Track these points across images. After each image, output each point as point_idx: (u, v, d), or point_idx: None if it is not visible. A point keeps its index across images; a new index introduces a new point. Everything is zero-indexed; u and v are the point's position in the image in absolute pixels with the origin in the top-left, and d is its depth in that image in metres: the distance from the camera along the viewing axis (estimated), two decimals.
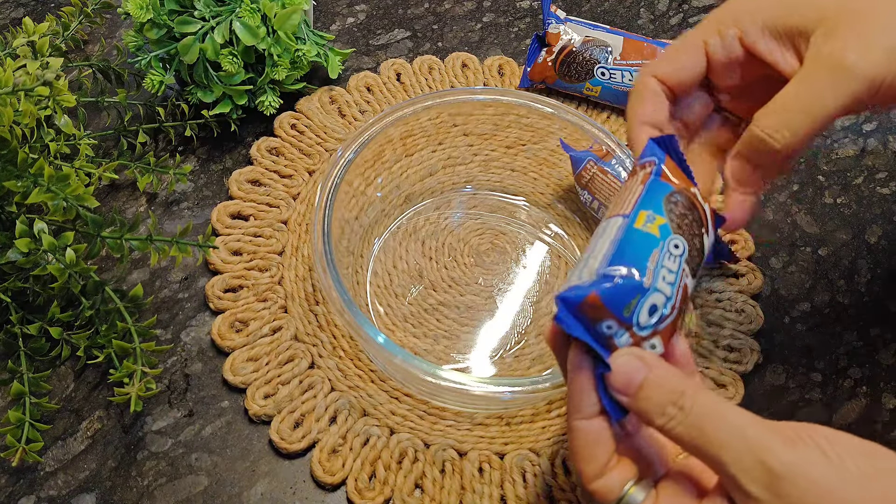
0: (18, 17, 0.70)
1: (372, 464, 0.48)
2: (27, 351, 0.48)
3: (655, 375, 0.31)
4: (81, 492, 0.47)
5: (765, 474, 0.28)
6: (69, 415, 0.49)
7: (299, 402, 0.49)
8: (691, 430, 0.30)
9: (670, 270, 0.33)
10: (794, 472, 0.28)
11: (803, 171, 0.62)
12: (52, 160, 0.51)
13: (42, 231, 0.45)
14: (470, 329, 0.54)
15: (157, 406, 0.50)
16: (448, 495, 0.47)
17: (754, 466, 0.28)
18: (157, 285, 0.55)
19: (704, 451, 0.30)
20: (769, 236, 0.58)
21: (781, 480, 0.28)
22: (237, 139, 0.62)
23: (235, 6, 0.56)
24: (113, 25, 0.70)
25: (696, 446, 0.30)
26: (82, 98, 0.59)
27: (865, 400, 0.51)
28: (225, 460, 0.48)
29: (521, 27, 0.71)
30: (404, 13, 0.71)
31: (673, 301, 0.33)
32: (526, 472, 0.48)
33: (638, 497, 0.31)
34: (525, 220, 0.59)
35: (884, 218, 0.60)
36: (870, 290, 0.56)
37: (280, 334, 0.52)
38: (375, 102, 0.64)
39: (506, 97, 0.55)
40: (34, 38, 0.53)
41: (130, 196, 0.59)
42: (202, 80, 0.57)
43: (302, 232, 0.57)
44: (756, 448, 0.28)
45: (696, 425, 0.30)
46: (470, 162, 0.60)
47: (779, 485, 0.28)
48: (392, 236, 0.57)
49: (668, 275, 0.33)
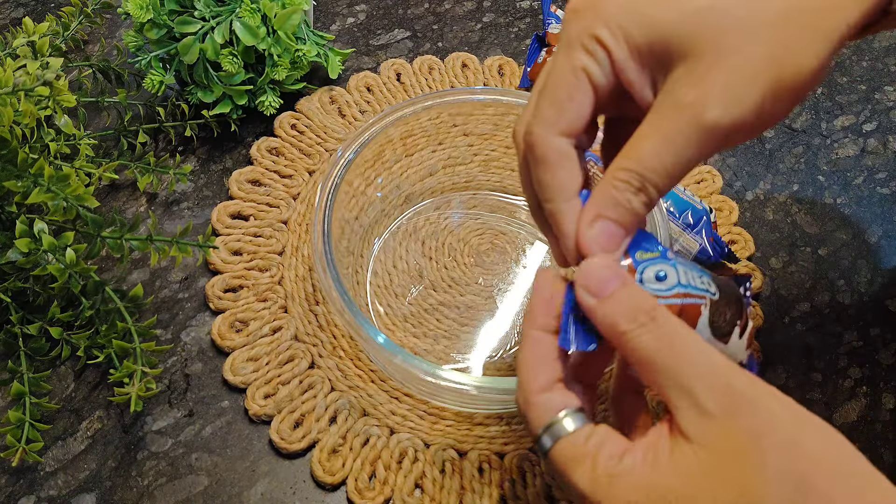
0: (18, 17, 0.70)
1: (372, 464, 0.48)
2: (27, 351, 0.48)
3: (630, 285, 0.30)
4: (81, 492, 0.47)
5: (728, 393, 0.27)
6: (69, 415, 0.49)
7: (299, 402, 0.49)
8: (661, 341, 0.29)
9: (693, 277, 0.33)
10: (756, 398, 0.27)
11: (803, 171, 0.62)
12: (53, 160, 0.51)
13: (42, 231, 0.45)
14: (470, 329, 0.54)
15: (158, 406, 0.50)
16: (448, 495, 0.47)
17: (718, 385, 0.28)
18: (158, 285, 0.55)
19: (667, 365, 0.28)
20: (769, 236, 0.58)
21: (743, 401, 0.27)
22: (237, 139, 0.62)
23: (235, 6, 0.56)
24: (113, 25, 0.70)
25: (658, 360, 0.28)
26: (82, 98, 0.59)
27: (865, 400, 0.51)
28: (225, 460, 0.48)
29: (521, 27, 0.71)
30: (404, 13, 0.71)
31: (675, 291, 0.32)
32: (526, 472, 0.48)
33: (569, 426, 0.30)
34: (525, 220, 0.59)
35: (884, 218, 0.60)
36: (870, 290, 0.56)
37: (280, 334, 0.52)
38: (375, 102, 0.64)
39: (506, 97, 0.55)
40: (34, 38, 0.53)
41: (130, 196, 0.59)
42: (202, 80, 0.57)
43: (302, 232, 0.57)
44: (722, 372, 0.28)
45: (667, 336, 0.29)
46: (470, 162, 0.60)
47: (739, 405, 0.27)
48: (392, 236, 0.57)
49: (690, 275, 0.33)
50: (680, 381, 0.28)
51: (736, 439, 0.27)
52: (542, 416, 0.30)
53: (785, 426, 0.27)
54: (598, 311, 0.30)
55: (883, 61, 0.69)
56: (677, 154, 0.30)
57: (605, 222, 0.32)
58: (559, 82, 0.32)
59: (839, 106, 0.66)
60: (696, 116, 0.30)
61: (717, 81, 0.29)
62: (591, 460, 0.29)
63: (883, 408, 0.51)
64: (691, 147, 0.30)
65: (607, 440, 0.29)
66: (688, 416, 0.28)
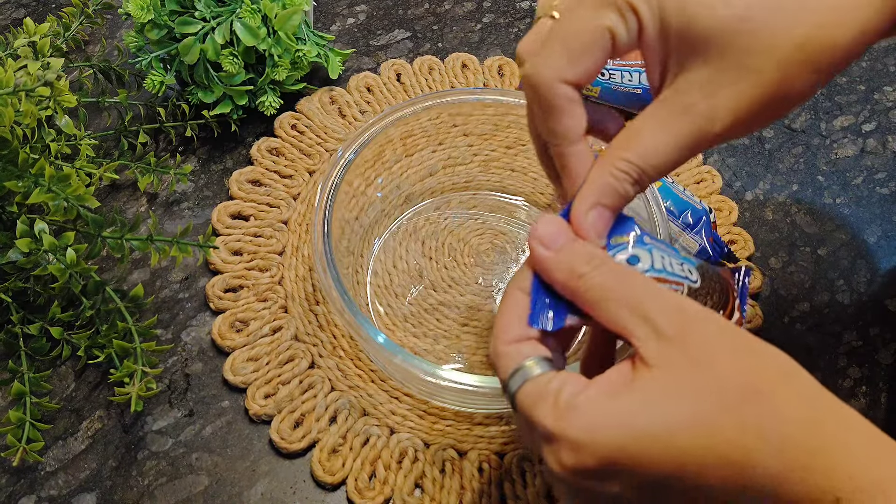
0: (20, 18, 0.70)
1: (372, 463, 0.48)
2: (28, 351, 0.48)
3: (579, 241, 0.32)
4: (82, 491, 0.47)
5: (679, 314, 0.29)
6: (70, 414, 0.50)
7: (299, 402, 0.49)
8: (616, 276, 0.30)
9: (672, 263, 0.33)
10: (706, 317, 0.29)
11: (803, 171, 0.62)
12: (53, 160, 0.51)
13: (43, 231, 0.45)
14: (470, 329, 0.54)
15: (158, 406, 0.50)
16: (448, 495, 0.47)
17: (670, 308, 0.29)
18: (158, 285, 0.55)
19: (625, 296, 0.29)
20: (769, 236, 0.59)
21: (694, 321, 0.29)
22: (237, 139, 0.62)
23: (236, 7, 0.56)
24: (114, 26, 0.70)
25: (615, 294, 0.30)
26: (83, 98, 0.59)
27: (865, 400, 0.52)
28: (225, 460, 0.48)
29: (521, 27, 0.71)
30: (404, 13, 0.72)
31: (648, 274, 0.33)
32: (526, 472, 0.48)
33: (535, 370, 0.31)
34: (525, 220, 0.59)
35: (883, 218, 0.60)
36: (869, 290, 0.56)
37: (280, 334, 0.52)
38: (375, 103, 0.65)
39: (506, 97, 0.55)
40: (35, 39, 0.53)
41: (131, 196, 0.59)
42: (203, 80, 0.57)
43: (302, 232, 0.57)
44: (672, 298, 0.29)
45: (620, 272, 0.30)
46: (470, 162, 0.60)
47: (691, 324, 0.28)
48: (392, 236, 0.57)
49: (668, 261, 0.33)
50: (637, 309, 0.29)
51: (690, 355, 0.28)
52: (510, 363, 0.31)
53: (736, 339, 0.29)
54: (553, 260, 0.31)
55: (882, 61, 0.69)
56: (679, 153, 0.32)
57: (602, 209, 0.33)
58: (580, 33, 0.32)
59: (839, 106, 0.66)
60: (707, 124, 0.31)
61: (730, 98, 0.31)
62: (553, 396, 0.29)
63: (882, 407, 0.51)
64: (693, 149, 0.32)
65: (569, 380, 0.30)
66: (647, 343, 0.29)
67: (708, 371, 0.28)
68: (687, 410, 0.27)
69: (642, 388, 0.28)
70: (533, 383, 0.30)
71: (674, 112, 0.31)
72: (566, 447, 0.28)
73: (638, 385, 0.28)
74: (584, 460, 0.28)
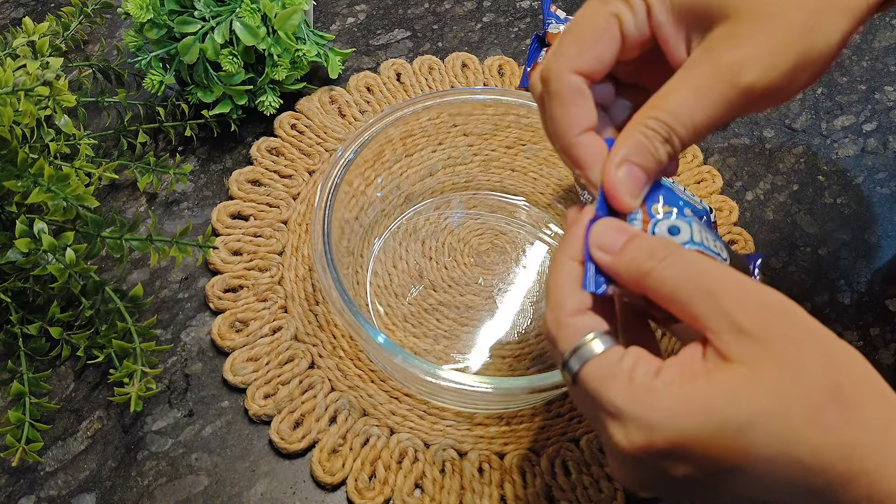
0: (18, 17, 0.70)
1: (372, 464, 0.48)
2: (27, 351, 0.48)
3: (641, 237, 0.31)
4: (81, 492, 0.47)
5: (761, 309, 0.28)
6: (69, 415, 0.49)
7: (299, 402, 0.49)
8: (687, 269, 0.29)
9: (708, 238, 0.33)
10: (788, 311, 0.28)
11: (803, 171, 0.62)
12: (52, 160, 0.51)
13: (42, 231, 0.45)
14: (470, 329, 0.54)
15: (157, 406, 0.50)
16: (448, 495, 0.47)
17: (751, 303, 0.28)
18: (157, 285, 0.55)
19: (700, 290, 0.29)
20: (769, 236, 0.58)
21: (777, 316, 0.28)
22: (237, 139, 0.62)
23: (235, 6, 0.56)
24: (113, 25, 0.70)
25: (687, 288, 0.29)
26: (82, 98, 0.59)
27: None
28: (225, 460, 0.48)
29: (521, 27, 0.71)
30: (404, 13, 0.72)
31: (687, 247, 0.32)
32: (526, 472, 0.48)
33: (598, 347, 0.30)
34: (525, 220, 0.59)
35: (883, 218, 0.60)
36: (870, 290, 0.56)
37: (280, 334, 0.52)
38: (375, 102, 0.64)
39: (506, 97, 0.55)
40: (34, 38, 0.53)
41: (130, 196, 0.59)
42: (202, 80, 0.57)
43: (302, 232, 0.57)
44: (752, 289, 0.29)
45: (692, 264, 0.29)
46: (470, 162, 0.60)
47: (774, 320, 0.28)
48: (392, 236, 0.57)
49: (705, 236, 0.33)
50: (713, 304, 0.28)
51: (775, 352, 0.27)
52: (571, 338, 0.31)
53: (817, 338, 0.28)
54: (616, 265, 0.31)
55: (883, 61, 0.69)
56: (708, 110, 0.31)
57: (631, 167, 0.32)
58: (587, 23, 0.33)
59: (839, 106, 0.66)
60: (733, 77, 0.30)
61: (756, 46, 0.30)
62: (626, 375, 0.29)
63: None
64: (722, 106, 0.31)
65: (640, 359, 0.29)
66: (726, 339, 0.28)
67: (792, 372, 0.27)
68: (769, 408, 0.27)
69: (723, 380, 0.28)
70: (599, 361, 0.30)
71: (701, 69, 0.31)
72: (640, 427, 0.28)
73: (718, 377, 0.28)
74: (656, 442, 0.28)
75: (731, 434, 0.27)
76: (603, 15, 0.33)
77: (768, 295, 0.29)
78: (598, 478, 0.48)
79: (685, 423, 0.27)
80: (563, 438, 0.49)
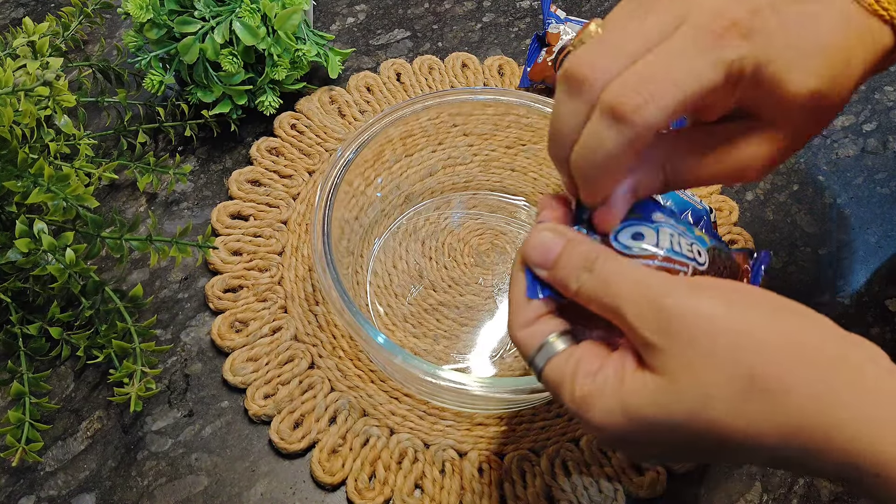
0: (18, 17, 0.70)
1: (372, 464, 0.48)
2: (27, 351, 0.48)
3: (570, 245, 0.32)
4: (81, 492, 0.47)
5: (658, 317, 0.28)
6: (69, 415, 0.49)
7: (299, 402, 0.49)
8: (598, 286, 0.30)
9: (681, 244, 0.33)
10: (684, 309, 0.28)
11: (803, 171, 0.62)
12: (52, 160, 0.51)
13: (42, 231, 0.45)
14: (470, 329, 0.54)
15: (157, 406, 0.50)
16: (448, 495, 0.47)
17: (649, 312, 0.29)
18: (157, 285, 0.55)
19: (608, 305, 0.30)
20: (769, 236, 0.58)
21: (672, 319, 0.28)
22: (237, 139, 0.62)
23: (235, 6, 0.56)
24: (113, 25, 0.70)
25: (602, 303, 0.30)
26: (82, 98, 0.59)
27: None
28: (225, 460, 0.48)
29: (521, 27, 0.71)
30: (404, 13, 0.71)
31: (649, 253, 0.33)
32: (526, 472, 0.48)
33: (558, 346, 0.32)
34: (525, 220, 0.59)
35: (883, 218, 0.60)
36: (870, 290, 0.56)
37: (280, 334, 0.52)
38: (375, 102, 0.64)
39: (506, 97, 0.55)
40: (34, 38, 0.53)
41: (130, 196, 0.59)
42: (202, 80, 0.57)
43: (302, 232, 0.57)
44: (655, 294, 0.29)
45: (602, 280, 0.30)
46: (470, 162, 0.60)
47: (669, 324, 0.28)
48: (392, 236, 0.57)
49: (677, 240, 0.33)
50: (621, 318, 0.30)
51: (680, 358, 0.28)
52: (532, 342, 0.32)
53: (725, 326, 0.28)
54: (553, 280, 0.32)
55: None
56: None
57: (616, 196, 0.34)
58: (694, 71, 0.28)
59: None
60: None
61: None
62: (570, 381, 0.30)
63: None
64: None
65: (583, 358, 0.31)
66: (641, 350, 0.29)
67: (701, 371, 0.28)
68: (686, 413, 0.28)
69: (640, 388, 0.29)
70: (554, 363, 0.31)
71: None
72: (587, 426, 0.31)
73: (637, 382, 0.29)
74: (605, 437, 0.30)
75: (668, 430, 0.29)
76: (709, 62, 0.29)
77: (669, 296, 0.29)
78: (597, 478, 0.48)
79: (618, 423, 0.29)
80: (563, 438, 0.49)
